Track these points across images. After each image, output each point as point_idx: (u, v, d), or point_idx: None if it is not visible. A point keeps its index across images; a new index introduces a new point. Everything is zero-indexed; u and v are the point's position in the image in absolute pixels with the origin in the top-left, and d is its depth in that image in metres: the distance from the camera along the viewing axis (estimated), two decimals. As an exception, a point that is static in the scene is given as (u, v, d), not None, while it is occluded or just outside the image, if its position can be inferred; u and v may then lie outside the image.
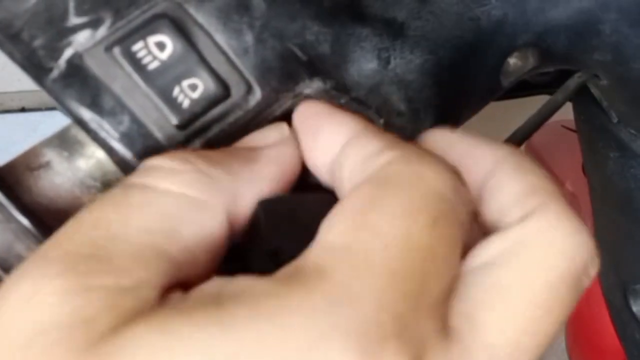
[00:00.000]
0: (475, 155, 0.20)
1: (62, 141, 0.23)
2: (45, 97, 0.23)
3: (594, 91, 0.34)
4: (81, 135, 0.22)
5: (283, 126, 0.21)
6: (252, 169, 0.20)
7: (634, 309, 0.45)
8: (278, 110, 0.22)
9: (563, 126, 0.69)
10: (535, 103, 0.39)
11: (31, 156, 0.23)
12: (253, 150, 0.20)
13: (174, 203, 0.18)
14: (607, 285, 0.48)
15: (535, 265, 0.17)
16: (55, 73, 0.20)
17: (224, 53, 0.21)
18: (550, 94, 0.38)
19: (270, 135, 0.21)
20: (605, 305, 0.49)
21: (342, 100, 0.22)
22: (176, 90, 0.20)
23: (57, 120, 0.23)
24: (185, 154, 0.19)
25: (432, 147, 0.21)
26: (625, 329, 0.47)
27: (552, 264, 0.17)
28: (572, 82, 0.33)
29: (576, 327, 0.61)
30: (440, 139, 0.21)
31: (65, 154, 0.22)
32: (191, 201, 0.18)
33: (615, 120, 0.35)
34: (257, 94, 0.21)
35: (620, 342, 0.48)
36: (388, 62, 0.23)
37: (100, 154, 0.22)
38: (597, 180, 0.43)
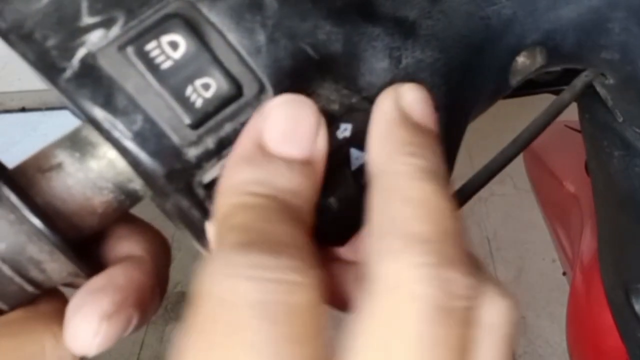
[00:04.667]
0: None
1: (74, 142, 0.23)
2: (45, 97, 0.23)
3: (600, 90, 0.34)
4: (92, 136, 0.22)
5: None
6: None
7: (636, 307, 0.45)
8: None
9: (566, 126, 0.69)
10: (538, 101, 0.39)
11: (43, 158, 0.23)
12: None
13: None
14: (609, 284, 0.48)
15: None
16: (68, 73, 0.20)
17: (236, 52, 0.21)
18: (554, 92, 0.38)
19: None
20: (607, 304, 0.49)
21: (354, 100, 0.22)
22: (189, 90, 0.20)
23: (57, 120, 0.23)
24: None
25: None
26: (627, 328, 0.47)
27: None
28: (579, 82, 0.33)
29: (577, 326, 0.60)
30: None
31: (77, 155, 0.22)
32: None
33: (620, 119, 0.35)
34: (270, 93, 0.21)
35: (623, 342, 0.48)
36: (399, 61, 0.23)
37: (111, 154, 0.22)
38: (601, 179, 0.43)
